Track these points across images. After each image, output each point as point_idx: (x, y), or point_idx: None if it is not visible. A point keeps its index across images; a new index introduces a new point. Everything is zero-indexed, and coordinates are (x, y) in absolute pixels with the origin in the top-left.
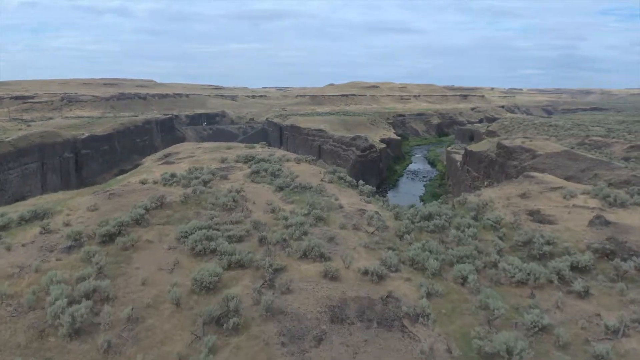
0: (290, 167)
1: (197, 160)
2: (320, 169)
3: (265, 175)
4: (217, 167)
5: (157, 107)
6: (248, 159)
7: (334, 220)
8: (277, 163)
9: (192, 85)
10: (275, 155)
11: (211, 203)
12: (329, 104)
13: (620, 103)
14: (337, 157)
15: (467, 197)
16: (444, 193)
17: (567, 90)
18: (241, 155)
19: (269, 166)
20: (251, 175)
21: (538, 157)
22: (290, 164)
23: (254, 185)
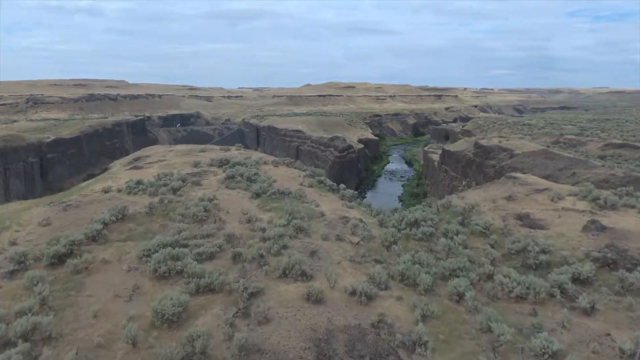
0: (267, 170)
1: (167, 164)
2: (299, 172)
3: (240, 180)
4: (188, 172)
5: (129, 109)
6: (223, 162)
7: (315, 230)
8: (254, 167)
9: (166, 86)
10: (252, 158)
11: (180, 214)
12: (307, 104)
13: (588, 102)
14: (316, 158)
15: (452, 200)
16: (422, 193)
17: (536, 89)
18: (215, 158)
19: (245, 170)
20: (226, 181)
21: (516, 157)
22: (267, 167)
23: (229, 192)
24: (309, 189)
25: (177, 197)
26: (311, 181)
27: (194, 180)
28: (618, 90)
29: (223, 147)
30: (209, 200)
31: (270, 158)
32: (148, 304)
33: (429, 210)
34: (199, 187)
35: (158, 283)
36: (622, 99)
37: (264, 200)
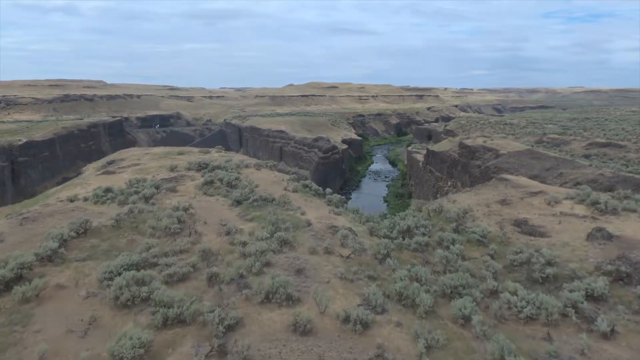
0: (249, 174)
1: (142, 168)
2: (283, 176)
3: (220, 186)
4: (164, 178)
5: (106, 109)
6: (201, 166)
7: (302, 243)
8: (235, 171)
9: (145, 86)
10: (233, 161)
11: (151, 227)
12: (289, 104)
13: (565, 101)
14: (300, 159)
15: (443, 204)
16: (407, 193)
17: (514, 89)
18: (193, 162)
19: (224, 175)
20: (204, 187)
21: (501, 157)
22: (249, 170)
23: (207, 199)
24: (294, 195)
25: (149, 207)
26: (296, 185)
27: (169, 187)
28: (593, 90)
29: (203, 149)
30: (184, 209)
31: (252, 161)
32: (107, 338)
33: (420, 215)
34: (174, 194)
35: (120, 313)
36: (598, 97)
37: (245, 208)
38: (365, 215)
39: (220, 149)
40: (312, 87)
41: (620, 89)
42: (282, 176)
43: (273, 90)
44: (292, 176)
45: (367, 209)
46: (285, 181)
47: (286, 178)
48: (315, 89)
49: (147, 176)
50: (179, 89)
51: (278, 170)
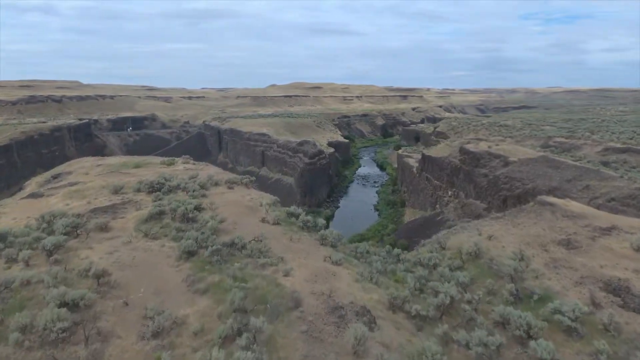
0: (217, 198)
1: (79, 190)
2: (261, 198)
3: (170, 222)
4: (98, 207)
5: (75, 111)
6: (155, 186)
7: (286, 356)
8: (198, 193)
9: (122, 86)
10: (200, 177)
11: (19, 327)
12: (272, 105)
13: (545, 101)
14: (283, 164)
15: (478, 242)
16: (400, 201)
17: (495, 89)
18: (146, 181)
19: (181, 202)
20: (148, 223)
21: (512, 165)
22: (218, 190)
23: (147, 245)
24: (275, 229)
25: (46, 270)
26: (277, 215)
27: (99, 223)
28: (572, 90)
29: (167, 159)
30: (97, 277)
31: (224, 176)
32: None
33: (447, 258)
34: (103, 235)
35: None
36: (577, 97)
37: (200, 267)
38: (376, 265)
39: (188, 159)
40: (296, 87)
41: (598, 88)
42: (261, 198)
43: (255, 90)
44: (272, 200)
45: (358, 219)
46: (264, 207)
47: (265, 202)
48: (298, 89)
49: (79, 202)
50: (158, 90)
51: (255, 190)
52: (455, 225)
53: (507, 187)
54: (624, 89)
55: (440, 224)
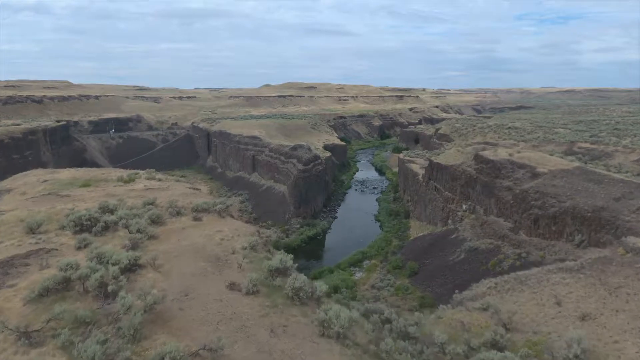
0: (171, 241)
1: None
2: (236, 238)
3: (70, 307)
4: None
5: (57, 112)
6: (85, 223)
7: None
8: (145, 233)
9: (113, 86)
10: (159, 201)
11: None
12: (266, 105)
13: (541, 101)
14: (276, 170)
15: (561, 324)
16: (403, 212)
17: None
18: (78, 214)
19: (107, 257)
20: (40, 301)
21: (541, 177)
22: (179, 224)
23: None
24: (249, 306)
25: None
26: (255, 278)
27: None
28: (567, 90)
29: (129, 174)
30: None
31: (192, 200)
32: None
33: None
34: None
35: None
36: (572, 97)
37: None
38: None
39: (153, 173)
40: (290, 87)
41: (594, 88)
42: (235, 238)
43: (249, 90)
44: (251, 242)
45: (357, 232)
46: (238, 256)
47: (240, 245)
48: (292, 89)
49: None
50: (149, 90)
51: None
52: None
53: (538, 204)
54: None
55: (456, 245)
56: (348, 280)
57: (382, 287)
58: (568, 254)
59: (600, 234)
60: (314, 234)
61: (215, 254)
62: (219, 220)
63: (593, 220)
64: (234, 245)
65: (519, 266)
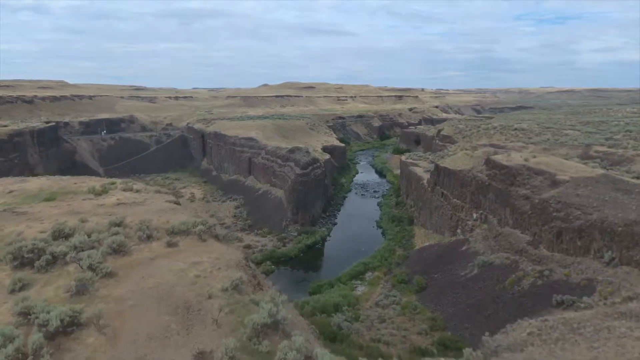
0: (131, 278)
1: None
2: (215, 275)
3: None
4: None
5: (49, 113)
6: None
7: None
8: (99, 268)
9: (109, 86)
10: (128, 221)
11: None
12: (263, 105)
13: (540, 101)
14: (272, 174)
15: None
16: (407, 218)
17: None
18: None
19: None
20: None
21: (562, 185)
22: (147, 252)
23: None
24: None
25: None
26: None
27: None
28: (566, 90)
29: (103, 185)
30: None
31: (170, 218)
32: None
33: None
34: None
35: None
36: (572, 97)
37: None
38: None
39: (130, 184)
40: (288, 87)
41: (593, 88)
42: (215, 274)
43: (246, 90)
44: (234, 280)
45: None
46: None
47: (220, 286)
48: (291, 89)
49: None
50: (146, 89)
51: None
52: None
53: (561, 215)
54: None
55: (467, 258)
56: (349, 296)
57: (387, 304)
58: (597, 273)
59: (633, 251)
60: (312, 243)
61: (186, 300)
62: (199, 246)
63: (625, 236)
64: (212, 286)
65: (541, 285)
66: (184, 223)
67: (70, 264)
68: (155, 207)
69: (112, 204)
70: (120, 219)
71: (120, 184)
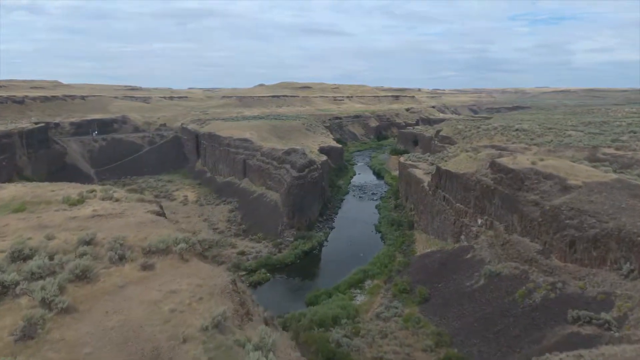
0: (93, 313)
1: None
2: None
3: None
4: None
5: (39, 113)
6: None
7: None
8: (52, 306)
9: (103, 86)
10: (99, 239)
11: None
12: (259, 105)
13: (536, 101)
14: (268, 176)
15: None
16: (407, 222)
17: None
18: None
19: None
20: None
21: (575, 191)
22: (116, 277)
23: None
24: None
25: None
26: None
27: None
28: (562, 90)
29: (79, 194)
30: None
31: (149, 233)
32: None
33: None
34: None
35: None
36: (568, 97)
37: None
38: None
39: (110, 193)
40: (284, 87)
41: (589, 88)
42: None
43: (242, 90)
44: (216, 316)
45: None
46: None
47: (198, 326)
48: (287, 89)
49: None
50: (140, 89)
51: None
52: None
53: (574, 224)
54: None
55: (473, 267)
56: (349, 307)
57: (389, 317)
58: (614, 287)
59: None
60: (309, 248)
61: (155, 345)
62: (179, 267)
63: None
64: (189, 324)
65: (554, 299)
66: (163, 240)
67: (22, 296)
68: (134, 220)
69: (87, 216)
70: (91, 236)
71: (100, 191)
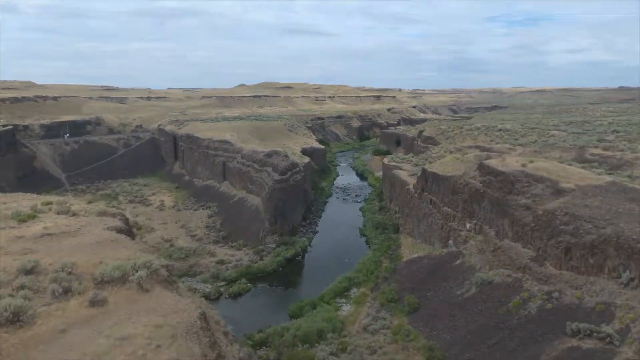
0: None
1: None
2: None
3: None
4: None
5: (8, 115)
6: None
7: None
8: None
9: (79, 87)
10: (48, 261)
11: None
12: (240, 106)
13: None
14: (249, 180)
15: None
16: (392, 225)
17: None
18: None
19: None
20: None
21: (568, 194)
22: (60, 317)
23: None
24: None
25: None
26: None
27: None
28: (538, 90)
29: (32, 208)
30: None
31: (106, 256)
32: None
33: None
34: None
35: None
36: (544, 97)
37: None
38: None
39: (67, 207)
40: (265, 87)
41: (563, 88)
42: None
43: (223, 90)
44: None
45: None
46: None
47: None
48: (268, 89)
49: None
50: (117, 90)
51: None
52: None
53: (569, 229)
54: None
55: (463, 274)
56: (334, 319)
57: (377, 329)
58: (614, 296)
59: None
60: (292, 255)
61: None
62: (137, 301)
63: None
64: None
65: (550, 310)
66: (119, 267)
67: None
68: (90, 239)
69: (36, 235)
70: (34, 263)
71: (56, 204)
